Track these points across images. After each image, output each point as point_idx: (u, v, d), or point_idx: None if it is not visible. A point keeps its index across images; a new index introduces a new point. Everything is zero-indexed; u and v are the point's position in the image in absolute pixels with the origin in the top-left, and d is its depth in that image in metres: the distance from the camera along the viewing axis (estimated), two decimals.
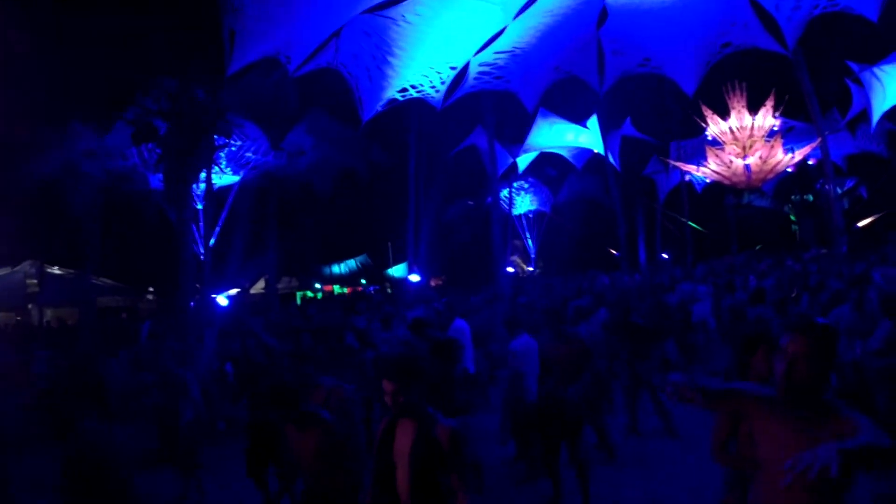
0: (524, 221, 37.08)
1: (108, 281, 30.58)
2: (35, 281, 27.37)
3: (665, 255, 33.71)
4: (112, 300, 31.23)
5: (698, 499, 5.87)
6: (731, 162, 20.65)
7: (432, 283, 33.16)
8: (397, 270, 36.58)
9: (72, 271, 28.77)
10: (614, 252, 28.84)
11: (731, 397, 2.61)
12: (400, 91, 21.61)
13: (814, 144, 19.38)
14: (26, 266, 28.18)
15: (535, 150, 30.39)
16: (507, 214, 32.64)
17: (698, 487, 6.00)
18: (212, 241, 20.99)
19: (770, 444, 2.49)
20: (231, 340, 10.61)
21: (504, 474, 7.24)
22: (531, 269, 38.23)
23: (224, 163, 20.93)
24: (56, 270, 29.50)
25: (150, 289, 34.61)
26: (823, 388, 2.42)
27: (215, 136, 17.41)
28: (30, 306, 28.40)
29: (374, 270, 39.41)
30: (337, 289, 37.97)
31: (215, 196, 21.23)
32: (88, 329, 20.26)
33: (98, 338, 15.16)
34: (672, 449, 7.50)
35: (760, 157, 20.26)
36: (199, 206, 20.82)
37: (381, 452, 3.27)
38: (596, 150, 28.58)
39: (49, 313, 28.72)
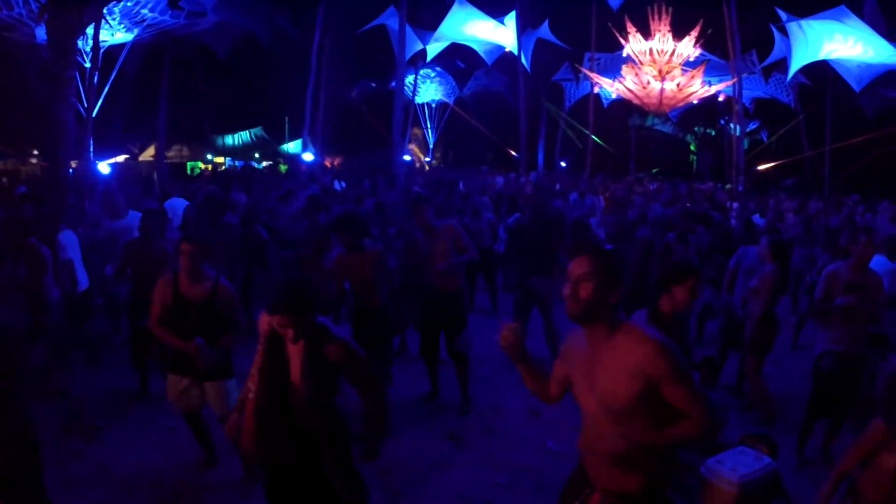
0: (426, 111, 36.41)
1: None
2: None
3: (563, 164, 34.36)
4: None
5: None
6: (648, 83, 20.88)
7: (327, 164, 32.30)
8: (293, 147, 35.20)
9: None
10: (513, 153, 28.96)
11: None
12: None
13: (730, 82, 19.81)
14: None
15: (447, 40, 29.43)
16: (410, 101, 31.79)
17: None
18: (98, 103, 19.28)
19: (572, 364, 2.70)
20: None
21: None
22: (427, 159, 37.97)
23: (117, 18, 18.99)
24: None
25: (35, 152, 31.62)
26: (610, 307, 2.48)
27: None
28: None
29: (269, 145, 37.70)
30: (228, 161, 36.18)
31: (105, 54, 19.36)
32: None
33: None
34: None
35: (678, 85, 20.63)
36: (87, 65, 18.90)
37: (271, 360, 3.10)
38: (508, 49, 28.02)
39: None
